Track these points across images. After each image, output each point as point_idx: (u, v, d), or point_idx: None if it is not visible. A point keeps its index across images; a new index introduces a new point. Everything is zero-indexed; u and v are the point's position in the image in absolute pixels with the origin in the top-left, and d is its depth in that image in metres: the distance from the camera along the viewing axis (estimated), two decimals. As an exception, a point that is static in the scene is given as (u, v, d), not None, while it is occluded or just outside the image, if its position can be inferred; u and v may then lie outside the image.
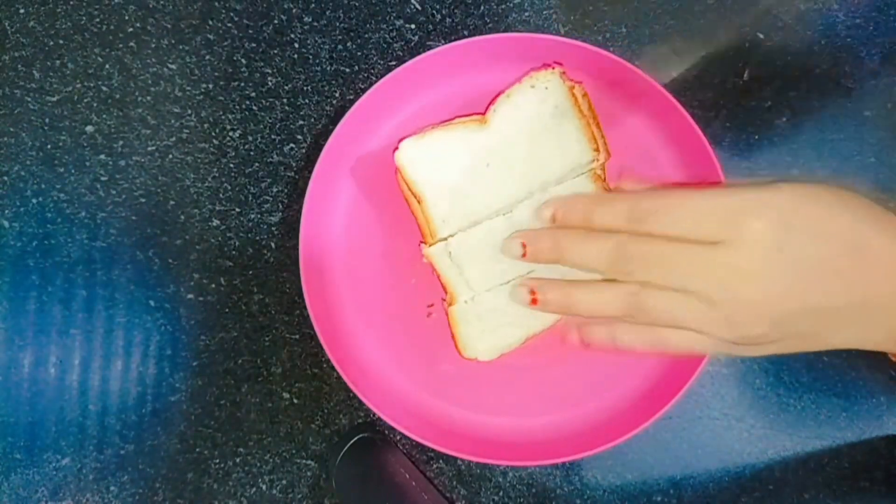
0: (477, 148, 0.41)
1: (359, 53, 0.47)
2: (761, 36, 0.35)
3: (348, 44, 0.47)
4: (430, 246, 0.41)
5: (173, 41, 0.48)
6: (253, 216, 0.47)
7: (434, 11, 0.47)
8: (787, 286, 0.32)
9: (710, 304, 0.33)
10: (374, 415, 0.46)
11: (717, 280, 0.32)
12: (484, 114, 0.41)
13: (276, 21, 0.47)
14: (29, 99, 0.47)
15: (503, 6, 0.47)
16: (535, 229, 0.38)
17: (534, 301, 0.38)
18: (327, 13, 0.48)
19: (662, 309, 0.34)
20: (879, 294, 0.32)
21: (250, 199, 0.47)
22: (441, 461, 0.46)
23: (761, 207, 0.32)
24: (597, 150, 0.41)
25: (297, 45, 0.47)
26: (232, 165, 0.47)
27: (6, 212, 0.47)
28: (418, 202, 0.41)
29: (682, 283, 0.33)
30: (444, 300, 0.42)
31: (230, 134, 0.47)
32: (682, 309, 0.34)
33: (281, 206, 0.47)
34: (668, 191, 0.34)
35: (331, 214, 0.45)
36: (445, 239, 0.41)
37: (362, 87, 0.45)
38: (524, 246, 0.38)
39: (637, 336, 0.36)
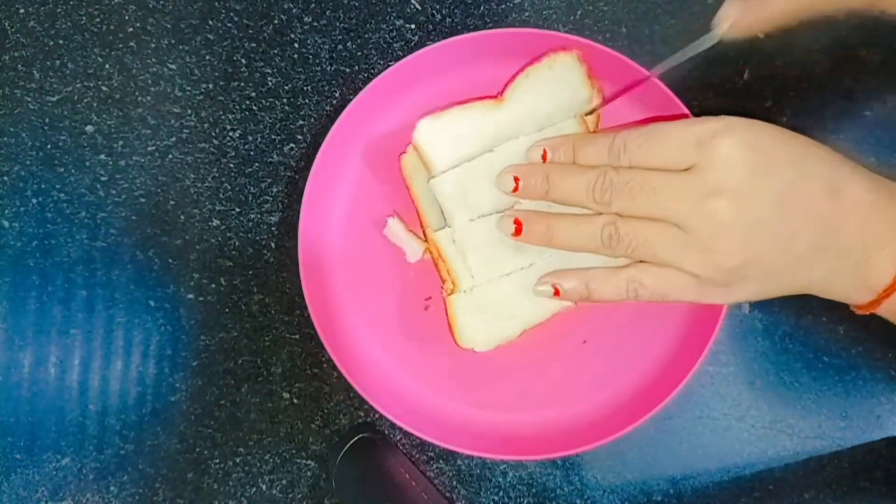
0: (493, 126, 0.41)
1: (359, 53, 0.47)
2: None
3: (348, 44, 0.47)
4: (435, 231, 0.41)
5: (173, 41, 0.48)
6: (253, 216, 0.47)
7: (434, 11, 0.47)
8: (762, 211, 0.33)
9: (684, 231, 0.34)
10: (374, 415, 0.46)
11: (691, 203, 0.33)
12: (499, 95, 0.42)
13: (276, 21, 0.48)
14: (29, 99, 0.47)
15: (503, 6, 0.47)
16: (527, 164, 0.40)
17: (518, 231, 0.39)
18: (327, 13, 0.48)
19: (636, 235, 0.35)
20: (850, 237, 0.33)
21: (250, 199, 0.47)
22: (441, 461, 0.46)
23: (727, 129, 0.33)
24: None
25: (297, 45, 0.47)
26: (232, 165, 0.47)
27: (6, 212, 0.47)
28: (431, 180, 0.41)
29: (657, 210, 0.34)
30: (443, 289, 0.42)
31: (230, 134, 0.47)
32: (657, 236, 0.34)
33: (281, 206, 0.47)
34: (647, 125, 0.36)
35: (329, 209, 0.45)
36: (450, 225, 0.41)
37: (362, 87, 0.45)
38: (516, 180, 0.38)
39: (609, 282, 0.37)
